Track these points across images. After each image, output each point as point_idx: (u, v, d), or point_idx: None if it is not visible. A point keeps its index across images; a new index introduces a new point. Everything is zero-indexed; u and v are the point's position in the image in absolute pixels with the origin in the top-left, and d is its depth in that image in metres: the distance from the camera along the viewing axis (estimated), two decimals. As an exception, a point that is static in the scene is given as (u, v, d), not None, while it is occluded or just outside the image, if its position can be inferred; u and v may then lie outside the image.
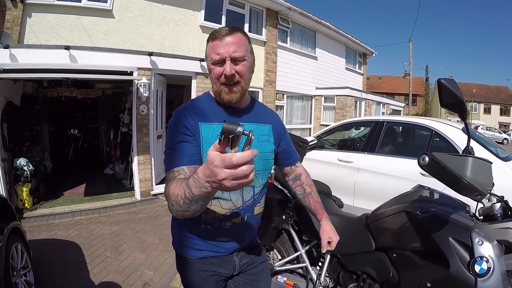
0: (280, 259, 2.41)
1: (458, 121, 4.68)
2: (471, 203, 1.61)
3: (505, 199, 1.50)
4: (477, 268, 1.33)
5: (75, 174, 7.92)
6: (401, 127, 5.24)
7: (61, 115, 9.18)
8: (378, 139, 4.57)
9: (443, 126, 4.09)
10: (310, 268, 2.16)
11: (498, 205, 1.46)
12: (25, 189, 5.45)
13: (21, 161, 5.55)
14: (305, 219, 2.17)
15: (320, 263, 2.19)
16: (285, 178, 1.75)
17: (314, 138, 5.37)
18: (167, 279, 3.36)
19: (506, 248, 1.38)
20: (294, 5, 11.09)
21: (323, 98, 13.22)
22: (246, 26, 10.28)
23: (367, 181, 4.40)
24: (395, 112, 17.53)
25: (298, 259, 2.30)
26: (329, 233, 1.73)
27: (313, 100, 13.43)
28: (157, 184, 6.65)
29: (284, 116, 11.89)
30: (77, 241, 4.22)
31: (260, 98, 10.55)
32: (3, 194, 4.81)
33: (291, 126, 12.20)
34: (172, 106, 11.26)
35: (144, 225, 4.88)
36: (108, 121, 9.03)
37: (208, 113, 1.33)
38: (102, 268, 3.57)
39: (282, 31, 11.55)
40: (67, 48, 5.44)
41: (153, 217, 5.30)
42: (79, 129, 9.32)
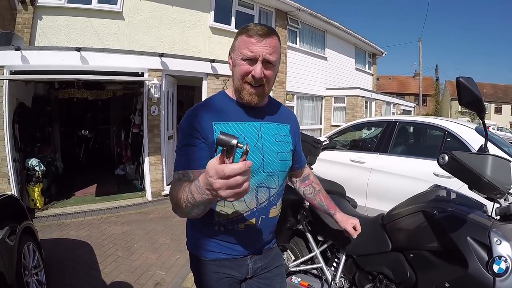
0: (294, 260, 2.38)
1: (468, 121, 4.60)
2: (488, 203, 1.60)
3: None
4: (495, 267, 1.32)
5: (86, 174, 7.99)
6: (413, 127, 5.18)
7: (72, 116, 9.28)
8: (390, 139, 4.52)
9: (456, 125, 4.03)
10: (325, 268, 2.13)
11: None
12: (36, 189, 5.50)
13: (33, 162, 5.60)
14: (319, 219, 2.14)
15: (335, 264, 2.16)
16: (291, 180, 1.71)
17: (326, 138, 5.33)
18: (179, 279, 3.35)
19: None
20: (303, 5, 11.06)
21: (333, 98, 13.15)
22: (255, 27, 10.25)
23: (379, 182, 4.34)
24: (406, 112, 17.36)
25: (312, 260, 2.27)
26: (348, 219, 1.70)
27: (323, 100, 13.37)
28: (168, 184, 6.64)
29: (294, 117, 11.83)
30: (88, 241, 4.24)
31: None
32: (15, 194, 4.86)
33: (302, 126, 12.04)
34: (182, 107, 11.34)
35: (155, 225, 4.88)
36: (118, 122, 9.09)
37: (223, 112, 1.29)
38: (113, 267, 3.58)
39: (291, 32, 11.52)
40: (78, 49, 5.48)
41: (165, 217, 5.30)
42: (90, 130, 9.40)
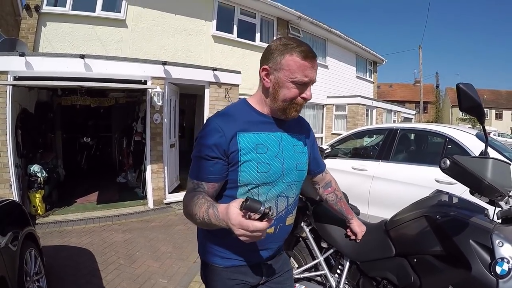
0: (297, 267, 2.37)
1: (469, 127, 4.62)
2: (490, 208, 1.62)
3: None
4: (498, 269, 1.33)
5: (88, 182, 7.99)
6: (414, 134, 5.20)
7: (74, 123, 9.31)
8: (392, 146, 4.53)
9: (457, 132, 4.05)
10: (329, 275, 2.12)
11: None
12: (38, 195, 5.50)
13: (35, 168, 5.62)
14: (323, 227, 2.15)
15: (338, 271, 2.15)
16: (315, 186, 1.76)
17: (328, 146, 5.35)
18: (181, 288, 3.33)
19: None
20: (304, 14, 11.16)
21: (334, 106, 13.20)
22: (257, 35, 10.38)
23: (381, 189, 4.34)
24: (406, 119, 17.41)
25: (316, 267, 2.26)
26: (362, 226, 1.92)
27: (324, 109, 13.41)
28: (170, 193, 6.65)
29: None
30: (90, 248, 4.23)
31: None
32: (16, 200, 4.86)
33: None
34: (184, 116, 11.38)
35: (157, 234, 4.87)
36: (120, 129, 9.12)
37: (246, 123, 1.30)
38: (115, 275, 3.56)
39: (293, 40, 11.57)
40: (82, 57, 5.52)
41: (167, 225, 5.29)
42: (92, 137, 9.43)
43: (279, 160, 1.31)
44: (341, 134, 6.57)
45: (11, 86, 5.12)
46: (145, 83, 6.10)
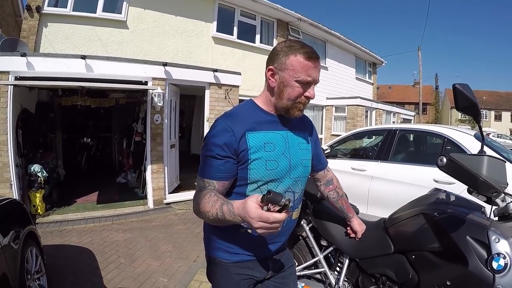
0: (297, 265, 2.39)
1: (469, 128, 4.65)
2: (487, 206, 1.65)
3: None
4: (494, 264, 1.36)
5: (88, 182, 8.01)
6: (413, 135, 5.22)
7: (74, 124, 9.32)
8: (391, 147, 4.56)
9: (455, 133, 4.09)
10: (329, 273, 2.15)
11: None
12: (38, 195, 5.52)
13: (35, 167, 5.64)
14: (323, 225, 2.17)
15: (338, 268, 2.18)
16: (316, 183, 1.79)
17: (327, 147, 5.37)
18: (182, 286, 3.35)
19: None
20: (304, 16, 11.20)
21: (333, 108, 13.24)
22: (257, 37, 10.42)
23: (380, 189, 4.37)
24: (406, 121, 17.45)
25: (316, 265, 2.29)
26: (362, 225, 1.93)
27: (324, 110, 13.45)
28: (170, 193, 6.66)
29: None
30: (90, 248, 4.25)
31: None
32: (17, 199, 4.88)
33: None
34: (183, 116, 11.39)
35: (157, 233, 4.88)
36: (121, 130, 9.14)
37: (254, 122, 1.35)
38: (115, 274, 3.58)
39: (292, 42, 11.61)
40: (84, 57, 5.54)
41: (167, 225, 5.30)
42: (92, 137, 9.44)
43: (286, 157, 1.36)
44: (340, 135, 6.59)
45: (12, 86, 5.14)
46: (146, 83, 6.13)
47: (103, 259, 3.93)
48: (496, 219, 1.57)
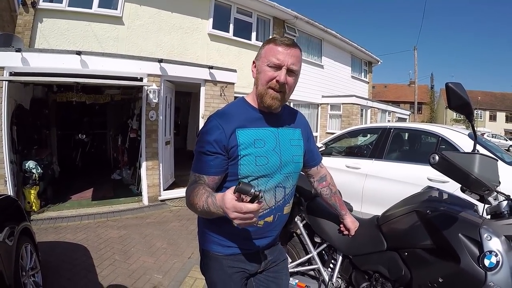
0: (291, 262, 2.41)
1: (463, 128, 4.69)
2: (479, 204, 1.68)
3: (511, 198, 1.56)
4: (486, 262, 1.38)
5: (82, 178, 7.98)
6: (408, 134, 5.25)
7: (69, 120, 9.27)
8: (385, 145, 4.59)
9: (449, 132, 4.12)
10: (322, 269, 2.17)
11: (505, 203, 1.52)
12: (33, 191, 5.50)
13: (30, 164, 5.60)
14: (316, 222, 2.19)
15: (331, 265, 2.20)
16: (310, 179, 1.81)
17: (322, 145, 5.39)
18: (176, 283, 3.36)
19: None
20: (300, 14, 11.20)
21: (329, 106, 13.27)
22: (253, 34, 10.41)
23: (374, 187, 4.40)
24: (401, 120, 17.52)
25: (309, 261, 2.30)
26: (355, 222, 1.96)
27: (319, 108, 13.47)
28: (165, 189, 6.67)
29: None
30: (85, 244, 4.24)
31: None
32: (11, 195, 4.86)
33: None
34: (179, 113, 11.37)
35: (152, 230, 4.89)
36: (116, 126, 9.10)
37: (245, 119, 1.39)
38: (110, 271, 3.58)
39: (288, 40, 11.61)
40: (79, 53, 5.52)
41: (161, 222, 5.31)
42: (87, 134, 9.39)
43: (276, 153, 1.39)
44: (335, 133, 6.62)
45: (7, 82, 5.11)
46: (141, 80, 6.11)
47: (98, 256, 3.93)
48: (488, 217, 1.60)
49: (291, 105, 11.71)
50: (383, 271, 1.85)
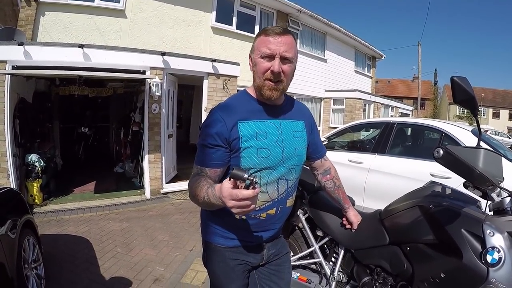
0: (293, 255, 2.41)
1: (467, 124, 4.65)
2: (482, 200, 1.66)
3: None
4: (488, 258, 1.37)
5: (85, 171, 7.99)
6: (411, 129, 5.23)
7: (71, 113, 9.27)
8: (388, 140, 4.57)
9: (453, 128, 4.10)
10: (324, 263, 2.17)
11: (508, 199, 1.51)
12: (35, 184, 5.52)
13: (33, 157, 5.62)
14: (319, 215, 2.18)
15: (333, 258, 2.20)
16: (313, 172, 1.80)
17: (325, 139, 5.38)
18: (178, 275, 3.37)
19: None
20: (304, 7, 11.12)
21: (332, 100, 13.23)
22: (256, 27, 10.35)
23: (377, 182, 4.40)
24: (404, 115, 17.44)
25: (311, 255, 2.30)
26: (358, 216, 1.96)
27: (322, 102, 13.43)
28: (167, 182, 6.67)
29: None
30: (87, 237, 4.26)
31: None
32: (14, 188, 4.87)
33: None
34: (182, 106, 11.36)
35: (154, 223, 4.90)
36: (118, 119, 9.10)
37: (246, 112, 1.38)
38: (112, 263, 3.59)
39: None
40: (81, 46, 5.50)
41: (164, 215, 5.32)
42: (90, 127, 9.39)
43: (279, 145, 1.38)
44: (338, 127, 6.60)
45: (9, 75, 5.11)
46: (144, 73, 6.09)
47: (100, 249, 3.95)
48: (491, 213, 1.58)
49: (294, 99, 11.74)
50: (385, 265, 1.85)
